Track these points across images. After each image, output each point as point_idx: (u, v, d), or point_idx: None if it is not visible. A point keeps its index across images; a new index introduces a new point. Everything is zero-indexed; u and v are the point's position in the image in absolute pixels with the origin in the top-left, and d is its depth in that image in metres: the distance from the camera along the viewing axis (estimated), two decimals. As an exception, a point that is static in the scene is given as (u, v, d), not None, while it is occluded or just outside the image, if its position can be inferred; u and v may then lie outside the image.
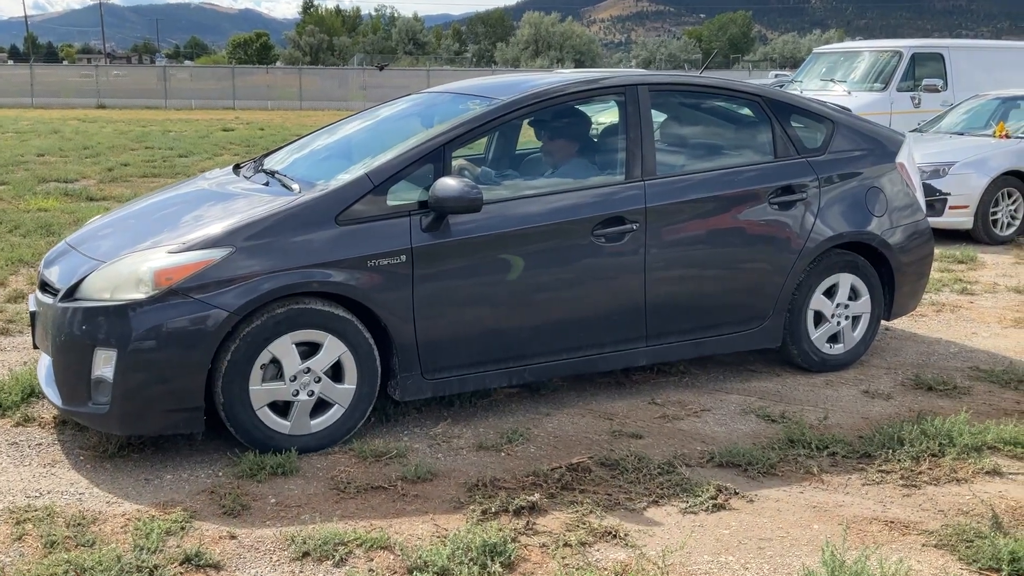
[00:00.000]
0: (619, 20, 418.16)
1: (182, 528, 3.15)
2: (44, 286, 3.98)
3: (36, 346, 4.09)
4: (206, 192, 4.47)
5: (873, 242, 4.91)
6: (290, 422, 3.75)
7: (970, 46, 13.90)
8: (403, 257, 3.85)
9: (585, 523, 3.21)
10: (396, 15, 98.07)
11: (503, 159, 5.08)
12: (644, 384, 4.73)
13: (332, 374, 3.82)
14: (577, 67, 59.26)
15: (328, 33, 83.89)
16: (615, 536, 3.14)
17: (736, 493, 3.49)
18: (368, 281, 3.79)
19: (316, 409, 3.82)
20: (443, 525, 3.21)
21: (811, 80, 13.45)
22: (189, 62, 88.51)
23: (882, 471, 3.69)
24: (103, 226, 4.41)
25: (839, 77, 13.18)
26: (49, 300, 3.80)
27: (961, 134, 9.83)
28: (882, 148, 5.08)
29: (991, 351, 5.42)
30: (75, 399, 3.66)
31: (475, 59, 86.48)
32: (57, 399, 3.74)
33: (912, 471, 3.68)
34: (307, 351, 3.75)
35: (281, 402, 3.74)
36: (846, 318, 4.94)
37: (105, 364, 3.55)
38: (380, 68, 47.07)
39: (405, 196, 3.95)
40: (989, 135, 9.51)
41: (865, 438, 3.99)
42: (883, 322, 5.21)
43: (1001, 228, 8.90)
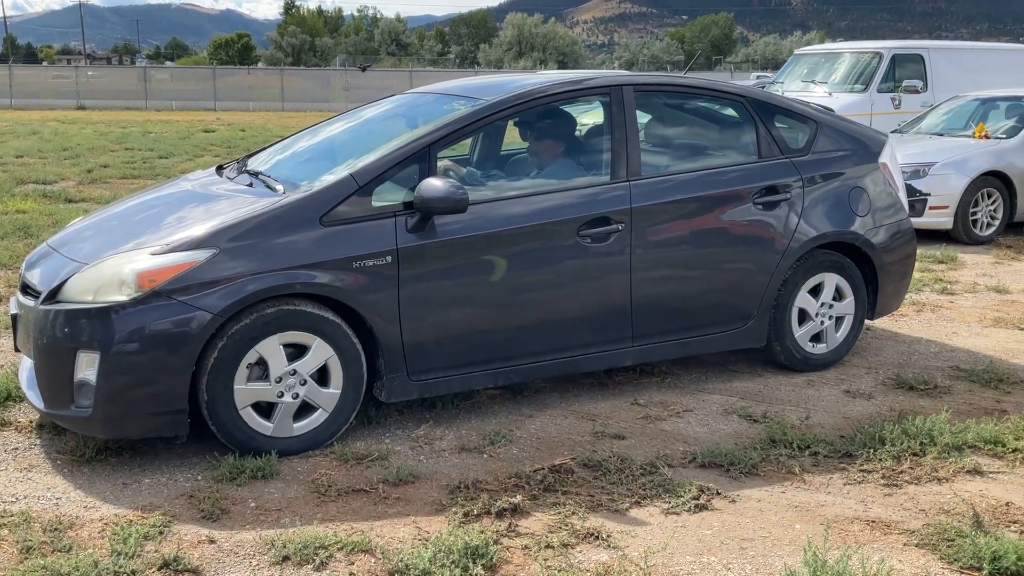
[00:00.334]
0: (602, 22, 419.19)
1: (160, 532, 3.11)
2: (26, 288, 3.94)
3: (18, 349, 4.05)
4: (189, 193, 4.43)
5: (856, 242, 4.93)
6: (273, 424, 3.72)
7: (950, 48, 14.01)
8: (388, 258, 3.83)
9: (567, 524, 3.20)
10: (378, 16, 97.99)
11: (488, 160, 5.06)
12: (627, 385, 4.72)
13: (318, 378, 3.80)
14: (560, 68, 59.36)
15: (310, 34, 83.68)
16: (597, 537, 3.13)
17: (718, 493, 3.48)
18: (353, 282, 3.77)
19: (300, 412, 3.79)
20: (425, 528, 3.19)
21: (792, 81, 13.52)
22: (170, 63, 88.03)
23: (863, 471, 3.70)
24: (85, 228, 4.37)
25: (820, 78, 13.25)
26: (31, 302, 3.76)
27: (941, 135, 9.89)
28: (865, 148, 5.11)
29: (971, 350, 5.45)
30: (57, 402, 3.62)
31: (458, 60, 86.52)
32: (39, 402, 3.70)
33: (893, 470, 3.69)
34: (294, 353, 3.73)
35: (265, 403, 3.71)
36: (829, 318, 4.96)
37: (88, 367, 3.52)
38: (362, 69, 46.99)
39: (390, 197, 3.93)
40: (969, 136, 9.58)
41: (847, 438, 4.00)
42: (865, 321, 5.23)
43: (981, 228, 8.97)
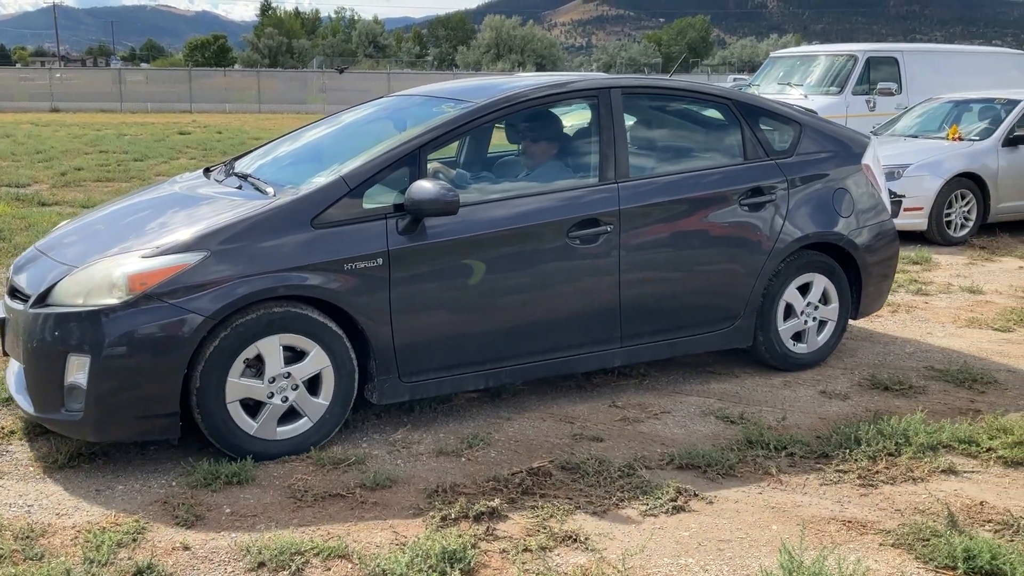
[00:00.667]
0: (580, 24, 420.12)
1: (134, 540, 3.08)
2: (14, 292, 3.92)
3: (6, 353, 4.01)
4: (178, 196, 4.42)
5: (840, 242, 4.99)
6: (257, 423, 3.71)
7: (924, 50, 14.13)
8: (379, 260, 3.83)
9: (546, 528, 3.19)
10: (356, 18, 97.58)
11: (474, 162, 5.08)
12: (605, 387, 4.73)
13: (309, 386, 3.80)
14: (539, 70, 59.44)
15: (287, 35, 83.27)
16: (575, 540, 3.12)
17: (696, 495, 3.49)
18: (345, 284, 3.78)
19: (285, 417, 3.78)
20: (402, 532, 3.18)
21: (768, 84, 13.59)
22: (145, 65, 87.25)
23: (839, 471, 3.72)
24: (73, 231, 4.35)
25: (796, 81, 13.33)
26: (20, 306, 3.74)
27: (915, 137, 9.98)
28: (848, 150, 5.16)
29: (946, 351, 5.49)
30: (48, 406, 3.60)
31: (436, 62, 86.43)
32: (29, 406, 3.68)
33: (869, 471, 3.71)
34: (291, 357, 3.74)
35: (252, 402, 3.70)
36: (814, 320, 5.01)
37: (78, 370, 3.50)
38: (340, 71, 46.81)
39: (381, 199, 3.95)
40: (942, 138, 9.67)
41: (823, 438, 4.02)
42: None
43: (955, 229, 9.05)
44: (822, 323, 5.05)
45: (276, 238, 3.72)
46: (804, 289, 4.96)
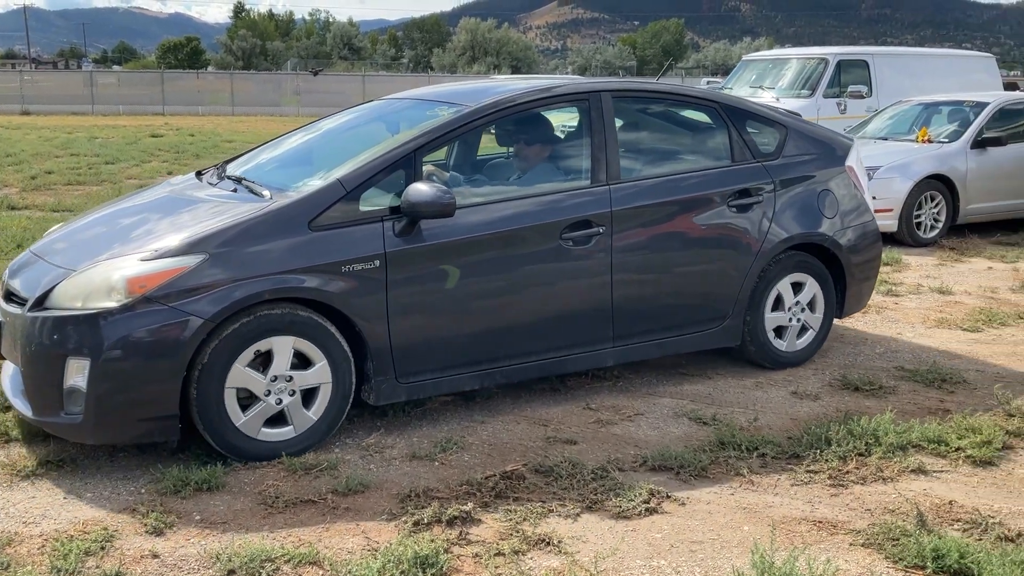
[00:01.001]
0: (555, 27, 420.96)
1: (102, 548, 3.04)
2: (10, 295, 3.88)
3: (2, 356, 3.97)
4: (173, 199, 4.42)
5: (824, 243, 5.06)
6: (245, 417, 3.69)
7: (894, 53, 14.27)
8: (376, 262, 3.85)
9: (519, 531, 3.19)
10: (331, 20, 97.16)
11: (465, 165, 5.11)
12: (579, 390, 4.73)
13: (304, 397, 3.81)
14: (514, 73, 59.43)
15: (261, 37, 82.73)
16: (548, 543, 3.12)
17: (668, 496, 3.50)
18: (342, 286, 3.79)
19: (272, 420, 3.77)
20: (374, 538, 3.16)
21: (741, 87, 13.67)
22: (117, 67, 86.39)
23: (810, 471, 3.74)
24: (68, 234, 4.32)
25: (768, 84, 13.42)
26: (17, 310, 3.71)
27: (885, 139, 10.08)
28: (832, 152, 5.24)
29: (916, 351, 5.55)
30: (47, 410, 3.58)
31: (412, 65, 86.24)
32: (27, 410, 3.66)
33: (839, 471, 3.74)
34: (296, 364, 3.76)
35: (246, 396, 3.69)
36: (797, 320, 5.08)
37: (78, 374, 3.49)
38: (314, 73, 46.60)
39: (377, 201, 3.97)
40: (912, 140, 9.77)
41: (794, 439, 4.05)
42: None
43: (924, 231, 9.15)
44: (809, 317, 5.12)
45: (274, 241, 3.73)
46: (789, 291, 5.03)
